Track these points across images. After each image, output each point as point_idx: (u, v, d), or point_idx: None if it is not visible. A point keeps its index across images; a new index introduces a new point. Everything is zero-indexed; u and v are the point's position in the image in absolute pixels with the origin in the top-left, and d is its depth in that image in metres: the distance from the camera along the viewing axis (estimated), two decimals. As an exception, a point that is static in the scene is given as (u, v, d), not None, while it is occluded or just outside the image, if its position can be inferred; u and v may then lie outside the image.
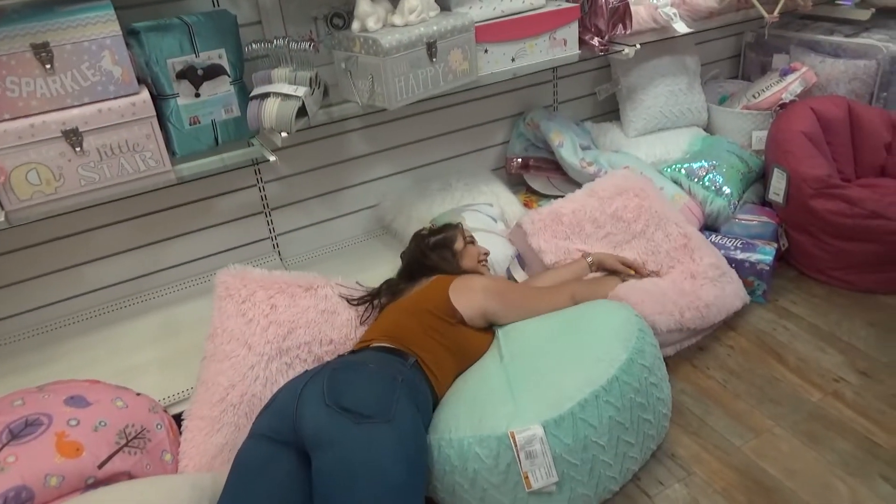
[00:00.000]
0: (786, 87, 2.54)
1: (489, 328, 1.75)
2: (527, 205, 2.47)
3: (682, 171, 2.35)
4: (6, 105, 1.53)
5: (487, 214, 2.18)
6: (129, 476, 1.38)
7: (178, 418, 1.64)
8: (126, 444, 1.40)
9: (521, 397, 1.44)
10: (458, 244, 1.89)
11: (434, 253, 1.88)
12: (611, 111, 2.83)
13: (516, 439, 1.37)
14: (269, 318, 1.68)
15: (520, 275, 2.06)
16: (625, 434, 1.46)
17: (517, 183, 2.63)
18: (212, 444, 1.54)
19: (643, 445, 1.53)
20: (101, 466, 1.34)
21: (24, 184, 1.57)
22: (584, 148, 2.42)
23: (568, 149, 2.38)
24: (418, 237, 1.96)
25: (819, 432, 1.67)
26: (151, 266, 2.12)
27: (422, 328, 1.63)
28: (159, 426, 1.53)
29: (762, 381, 1.85)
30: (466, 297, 1.69)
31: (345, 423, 1.29)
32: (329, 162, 2.29)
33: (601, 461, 1.43)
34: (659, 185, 2.22)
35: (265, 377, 1.62)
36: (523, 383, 1.48)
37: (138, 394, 1.57)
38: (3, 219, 1.55)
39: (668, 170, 2.37)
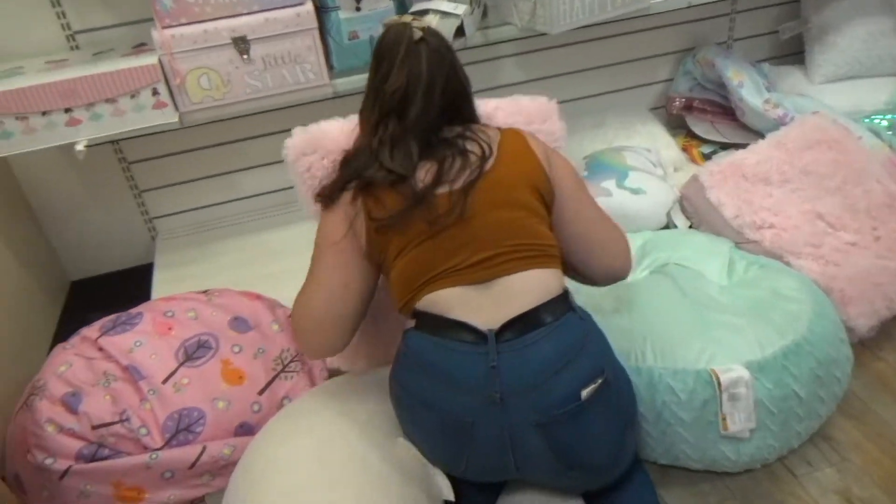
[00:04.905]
0: None
1: None
2: (685, 149, 2.29)
3: (884, 122, 2.06)
4: (183, 10, 1.58)
5: (647, 159, 2.04)
6: (288, 399, 1.45)
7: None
8: (282, 370, 1.47)
9: (718, 334, 1.37)
10: None
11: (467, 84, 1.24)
12: (792, 53, 2.53)
13: (720, 378, 1.30)
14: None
15: (682, 222, 1.93)
16: (820, 389, 1.39)
17: (677, 125, 2.44)
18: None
19: (829, 405, 1.45)
20: (260, 393, 1.42)
21: (197, 87, 1.64)
22: (765, 89, 2.19)
23: (749, 89, 2.15)
24: (434, 42, 1.17)
25: None
26: (301, 178, 2.18)
27: (548, 240, 1.15)
28: None
29: (944, 370, 1.64)
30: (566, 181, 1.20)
31: (574, 476, 1.15)
32: (479, 88, 2.19)
33: (795, 414, 1.37)
34: (857, 134, 1.97)
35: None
36: (717, 321, 1.41)
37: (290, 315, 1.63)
38: (176, 119, 1.63)
39: (866, 120, 2.09)
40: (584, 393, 1.05)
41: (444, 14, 1.71)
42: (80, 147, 1.57)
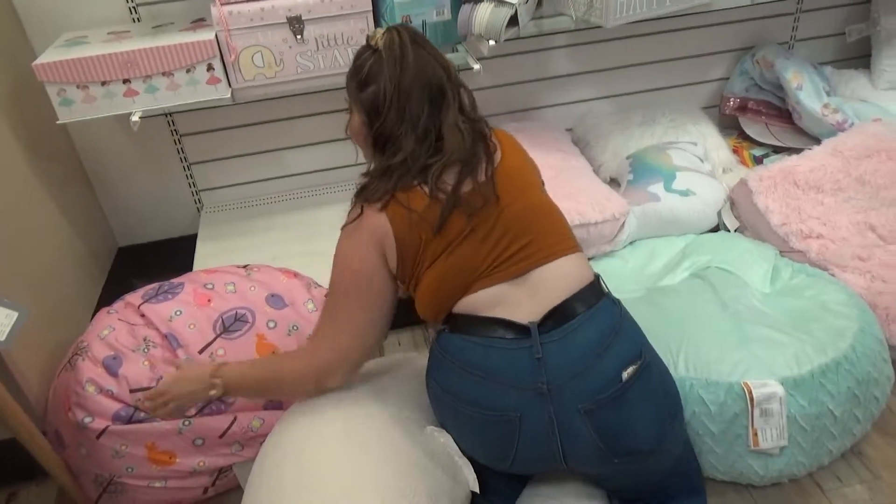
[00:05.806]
0: None
1: None
2: (736, 151, 2.23)
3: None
4: (241, -13, 1.60)
5: (693, 154, 2.00)
6: None
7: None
8: None
9: (754, 348, 1.35)
10: None
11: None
12: (856, 56, 2.43)
13: (753, 393, 1.28)
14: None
15: (731, 222, 1.88)
16: (857, 408, 1.36)
17: (728, 126, 2.37)
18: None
19: (864, 424, 1.41)
20: None
21: (250, 65, 1.66)
22: (825, 93, 2.12)
23: (808, 92, 2.08)
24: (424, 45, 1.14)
25: None
26: (344, 160, 2.20)
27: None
28: None
29: None
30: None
31: (620, 465, 1.12)
32: (528, 78, 2.20)
33: (829, 432, 1.34)
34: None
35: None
36: (755, 334, 1.38)
37: (326, 295, 1.64)
38: (229, 95, 1.67)
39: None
40: (625, 375, 1.07)
41: (499, 3, 1.69)
42: (135, 118, 1.61)
